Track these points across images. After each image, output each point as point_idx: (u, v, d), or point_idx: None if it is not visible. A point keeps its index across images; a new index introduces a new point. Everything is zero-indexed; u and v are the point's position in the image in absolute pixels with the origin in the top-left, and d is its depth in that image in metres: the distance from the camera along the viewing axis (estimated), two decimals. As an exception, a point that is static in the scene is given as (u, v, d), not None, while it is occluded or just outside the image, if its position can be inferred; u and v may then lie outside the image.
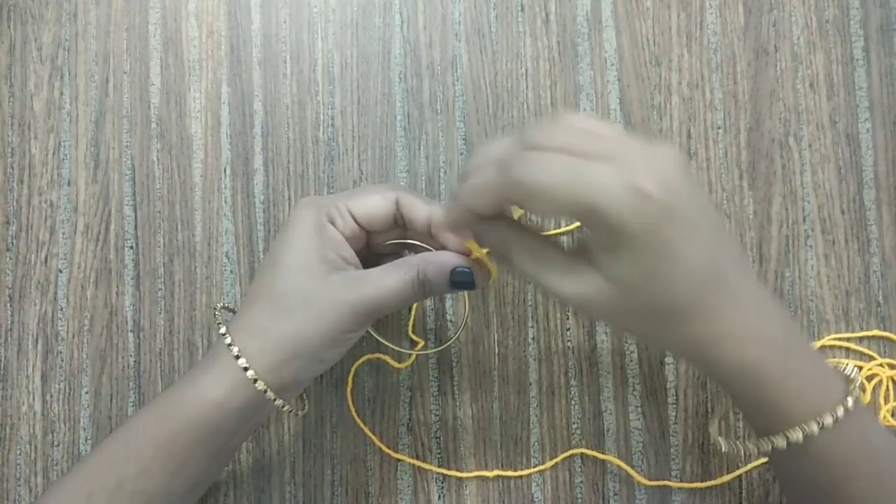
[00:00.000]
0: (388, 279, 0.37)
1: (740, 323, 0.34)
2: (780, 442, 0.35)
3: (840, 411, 0.34)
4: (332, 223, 0.39)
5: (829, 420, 0.34)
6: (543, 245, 0.36)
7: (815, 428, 0.34)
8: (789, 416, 0.35)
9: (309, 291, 0.37)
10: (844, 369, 0.38)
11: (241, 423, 0.39)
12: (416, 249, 0.41)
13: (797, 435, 0.34)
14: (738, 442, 0.38)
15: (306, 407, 0.44)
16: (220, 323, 0.39)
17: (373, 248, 0.42)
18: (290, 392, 0.39)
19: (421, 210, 0.39)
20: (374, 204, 0.39)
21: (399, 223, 0.40)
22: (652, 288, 0.32)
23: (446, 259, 0.38)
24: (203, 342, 0.48)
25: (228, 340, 0.38)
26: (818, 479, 0.36)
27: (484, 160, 0.35)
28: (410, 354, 0.48)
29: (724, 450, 0.39)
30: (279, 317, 0.37)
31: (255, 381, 0.37)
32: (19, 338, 0.48)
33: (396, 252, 0.42)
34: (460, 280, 0.38)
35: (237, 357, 0.37)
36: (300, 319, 0.37)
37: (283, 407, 0.39)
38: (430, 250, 0.40)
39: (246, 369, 0.37)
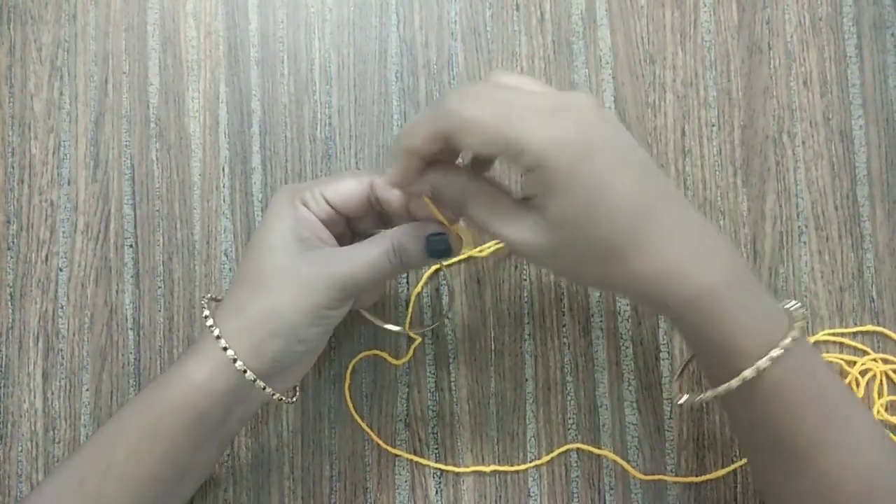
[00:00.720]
0: (363, 252, 0.38)
1: (681, 255, 0.34)
2: (734, 382, 0.35)
3: (787, 342, 0.34)
4: (306, 205, 0.39)
5: (776, 353, 0.34)
6: (495, 192, 0.36)
7: (763, 363, 0.34)
8: (738, 351, 0.35)
9: (283, 268, 0.37)
10: (788, 304, 0.38)
11: (226, 410, 0.38)
12: None
13: (748, 372, 0.34)
14: (695, 393, 0.38)
15: (297, 394, 0.44)
16: (204, 306, 0.39)
17: (356, 235, 0.42)
18: (276, 378, 0.39)
19: (395, 190, 0.38)
20: (347, 187, 0.39)
21: (377, 207, 0.40)
22: (587, 224, 0.33)
23: (421, 226, 0.38)
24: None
25: (210, 322, 0.38)
26: (769, 419, 0.36)
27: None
28: (408, 351, 0.48)
29: (681, 402, 0.40)
30: (256, 295, 0.38)
31: (235, 360, 0.37)
32: (20, 336, 0.49)
33: None
34: (436, 247, 0.37)
35: (218, 338, 0.37)
36: (275, 296, 0.37)
37: (264, 389, 0.38)
38: None
39: (226, 349, 0.37)
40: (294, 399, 0.43)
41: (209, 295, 0.43)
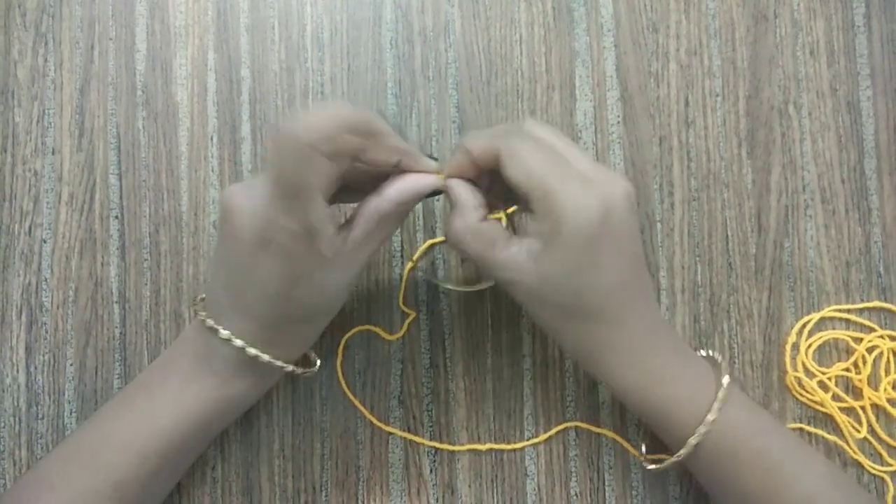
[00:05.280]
0: (367, 246, 0.37)
1: (634, 334, 0.38)
2: (682, 453, 0.39)
3: (712, 416, 0.38)
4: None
5: (704, 429, 0.38)
6: (491, 221, 0.38)
7: (693, 439, 0.38)
8: (676, 425, 0.39)
9: (310, 300, 0.37)
10: (720, 367, 0.40)
11: (260, 392, 0.42)
12: None
13: (683, 450, 0.39)
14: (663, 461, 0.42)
15: (317, 363, 0.45)
16: (228, 337, 0.38)
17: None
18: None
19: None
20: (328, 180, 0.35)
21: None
22: (570, 286, 0.36)
23: (413, 185, 0.37)
24: (190, 314, 0.47)
25: (240, 343, 0.38)
26: (717, 476, 0.40)
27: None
28: (402, 326, 0.47)
29: (652, 468, 0.43)
30: (296, 326, 0.39)
31: (287, 368, 0.40)
32: (3, 309, 0.47)
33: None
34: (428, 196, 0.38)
35: (271, 363, 0.39)
36: (315, 325, 0.40)
37: (292, 371, 0.41)
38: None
39: (282, 367, 0.40)
40: (315, 367, 0.44)
41: (200, 297, 0.41)
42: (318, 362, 0.45)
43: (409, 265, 0.47)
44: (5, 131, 0.48)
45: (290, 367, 0.40)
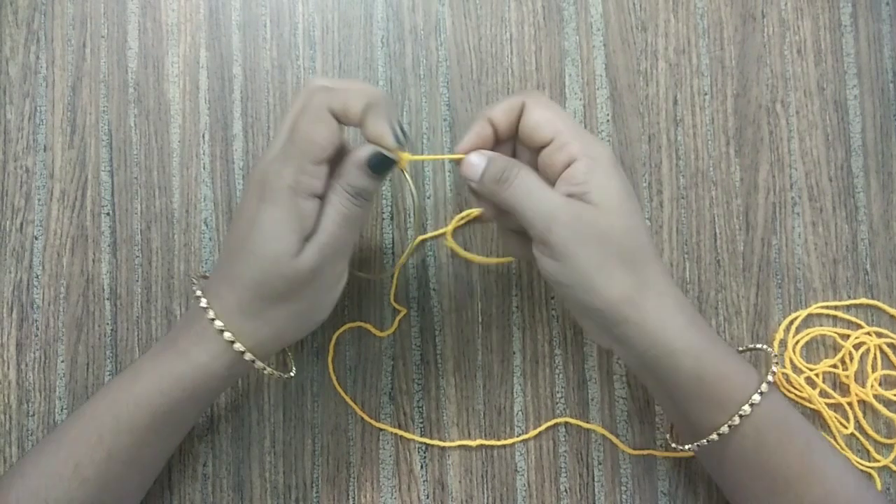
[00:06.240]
0: (331, 220, 0.37)
1: (674, 308, 0.38)
2: (724, 429, 0.38)
3: (764, 387, 0.37)
4: (311, 190, 0.37)
5: (756, 398, 0.37)
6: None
7: (746, 408, 0.37)
8: (720, 400, 0.38)
9: (292, 278, 0.37)
10: (759, 347, 0.42)
11: (230, 383, 0.41)
12: None
13: (729, 423, 0.37)
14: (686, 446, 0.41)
15: (293, 370, 0.44)
16: (205, 306, 0.38)
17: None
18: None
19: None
20: (328, 143, 0.36)
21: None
22: (626, 205, 0.38)
23: (357, 159, 0.37)
24: (181, 310, 0.47)
25: (212, 315, 0.37)
26: (752, 462, 0.38)
27: None
28: (393, 323, 0.47)
29: (682, 448, 0.41)
30: (269, 305, 0.37)
31: (247, 356, 0.38)
32: (-7, 306, 0.47)
33: None
34: (376, 162, 0.37)
35: (232, 342, 0.37)
36: (298, 305, 0.38)
37: (264, 370, 0.39)
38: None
39: (233, 342, 0.37)
40: (291, 374, 0.43)
41: (197, 273, 0.42)
42: (293, 372, 0.44)
43: (399, 261, 0.47)
44: (-3, 128, 0.48)
45: (250, 356, 0.38)
